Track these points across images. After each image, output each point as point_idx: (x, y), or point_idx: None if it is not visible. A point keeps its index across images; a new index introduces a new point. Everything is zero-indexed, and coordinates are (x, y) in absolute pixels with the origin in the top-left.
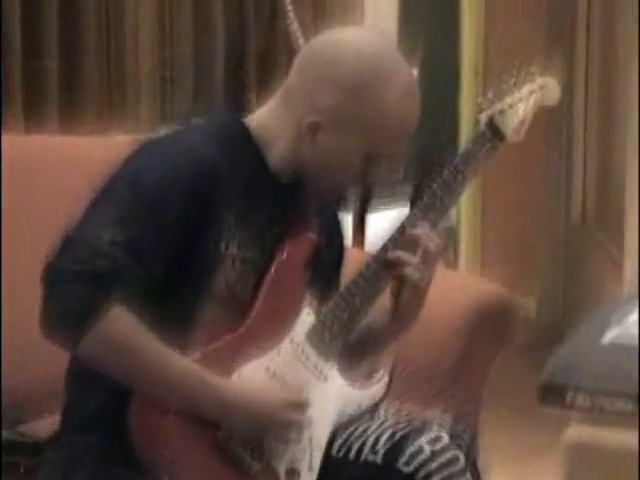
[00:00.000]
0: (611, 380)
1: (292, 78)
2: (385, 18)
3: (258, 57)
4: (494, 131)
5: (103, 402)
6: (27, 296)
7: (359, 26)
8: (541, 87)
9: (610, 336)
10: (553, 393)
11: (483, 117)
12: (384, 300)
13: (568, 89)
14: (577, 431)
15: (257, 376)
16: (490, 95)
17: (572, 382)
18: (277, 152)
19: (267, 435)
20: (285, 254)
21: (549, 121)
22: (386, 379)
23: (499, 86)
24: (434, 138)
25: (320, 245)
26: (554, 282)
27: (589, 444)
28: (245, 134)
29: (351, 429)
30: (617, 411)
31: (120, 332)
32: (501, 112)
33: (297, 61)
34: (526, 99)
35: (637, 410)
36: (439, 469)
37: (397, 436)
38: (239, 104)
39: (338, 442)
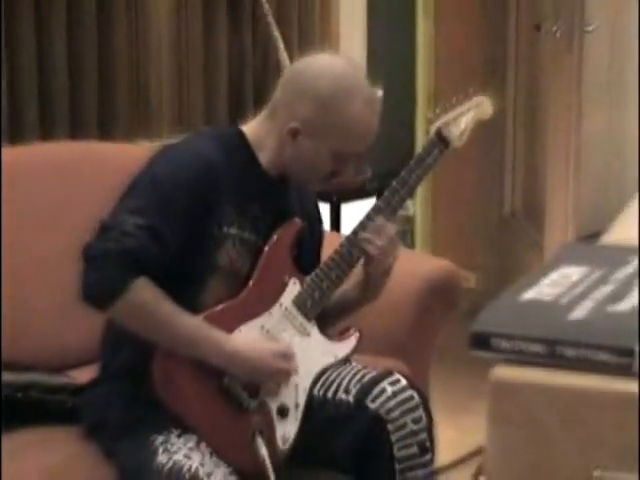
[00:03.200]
0: (527, 328)
1: (277, 94)
2: (356, 50)
3: (254, 81)
4: (440, 139)
5: (130, 357)
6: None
7: (333, 53)
8: (477, 104)
9: (526, 294)
10: (481, 339)
11: (432, 128)
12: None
13: (501, 107)
14: (501, 370)
15: (253, 332)
16: (438, 111)
17: (496, 330)
18: (266, 154)
19: (262, 379)
20: (276, 236)
21: (485, 133)
22: (357, 335)
23: (445, 104)
24: (396, 145)
25: (304, 229)
26: (490, 261)
27: (510, 381)
28: (242, 140)
29: (329, 374)
30: (532, 353)
31: (143, 297)
32: (446, 124)
33: (282, 80)
34: (466, 113)
35: (548, 351)
36: (398, 405)
37: (365, 379)
38: (239, 117)
39: (318, 384)
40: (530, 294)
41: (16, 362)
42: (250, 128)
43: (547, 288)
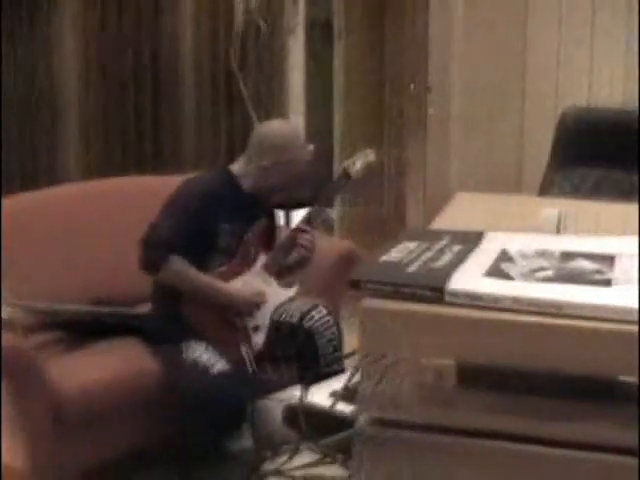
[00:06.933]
0: (383, 276)
1: (250, 146)
2: (298, 119)
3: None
4: (346, 174)
5: (167, 300)
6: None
7: (283, 119)
8: (367, 154)
9: (383, 257)
10: (356, 284)
11: (341, 167)
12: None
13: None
14: (366, 301)
15: (239, 283)
16: (346, 156)
17: (365, 277)
18: (247, 183)
19: (246, 308)
20: (252, 231)
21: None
22: (298, 285)
23: (350, 158)
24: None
25: (268, 226)
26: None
27: (372, 307)
28: (230, 175)
29: (282, 306)
30: (385, 291)
31: (176, 265)
32: (349, 164)
33: (252, 137)
34: (360, 158)
35: (394, 290)
36: (322, 325)
37: (303, 309)
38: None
39: (276, 313)
40: (384, 257)
41: (109, 301)
42: (235, 168)
43: (394, 254)
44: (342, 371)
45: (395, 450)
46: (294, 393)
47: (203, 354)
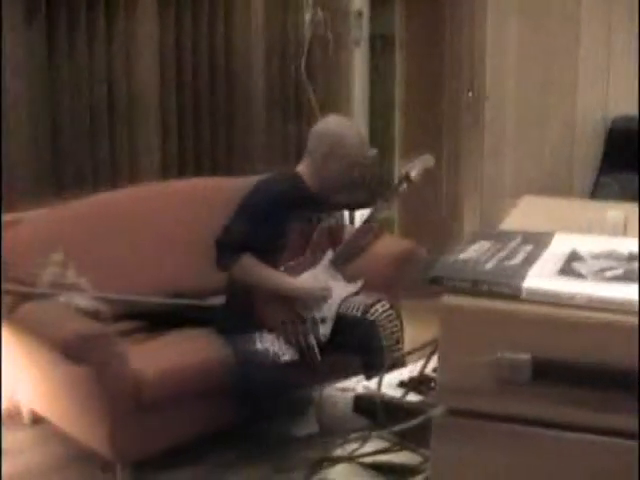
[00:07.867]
0: (462, 273)
1: (309, 141)
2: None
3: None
4: (407, 177)
5: (240, 293)
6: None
7: (340, 116)
8: (425, 159)
9: (461, 255)
10: (437, 279)
11: (403, 171)
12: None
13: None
14: (446, 298)
15: (308, 278)
16: (405, 162)
17: (445, 274)
18: (311, 181)
19: (313, 301)
20: (319, 228)
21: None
22: (362, 280)
23: (409, 157)
24: (383, 181)
25: (334, 225)
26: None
27: (452, 304)
28: (297, 176)
29: (348, 300)
30: (464, 287)
31: (247, 263)
32: (410, 168)
33: (310, 135)
34: (420, 163)
35: (472, 286)
36: (385, 317)
37: (367, 302)
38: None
39: (342, 306)
40: (462, 255)
41: (183, 294)
42: (300, 167)
43: (471, 252)
44: (404, 363)
45: (470, 439)
46: (358, 382)
47: (273, 344)
